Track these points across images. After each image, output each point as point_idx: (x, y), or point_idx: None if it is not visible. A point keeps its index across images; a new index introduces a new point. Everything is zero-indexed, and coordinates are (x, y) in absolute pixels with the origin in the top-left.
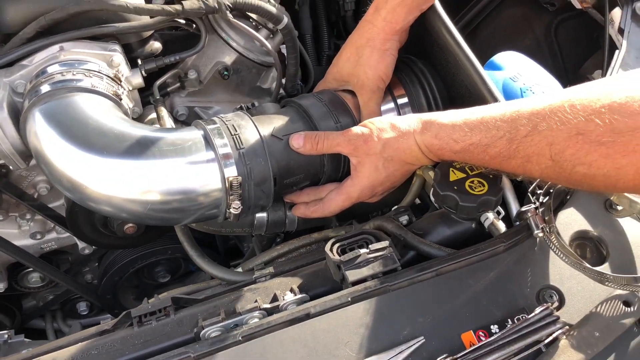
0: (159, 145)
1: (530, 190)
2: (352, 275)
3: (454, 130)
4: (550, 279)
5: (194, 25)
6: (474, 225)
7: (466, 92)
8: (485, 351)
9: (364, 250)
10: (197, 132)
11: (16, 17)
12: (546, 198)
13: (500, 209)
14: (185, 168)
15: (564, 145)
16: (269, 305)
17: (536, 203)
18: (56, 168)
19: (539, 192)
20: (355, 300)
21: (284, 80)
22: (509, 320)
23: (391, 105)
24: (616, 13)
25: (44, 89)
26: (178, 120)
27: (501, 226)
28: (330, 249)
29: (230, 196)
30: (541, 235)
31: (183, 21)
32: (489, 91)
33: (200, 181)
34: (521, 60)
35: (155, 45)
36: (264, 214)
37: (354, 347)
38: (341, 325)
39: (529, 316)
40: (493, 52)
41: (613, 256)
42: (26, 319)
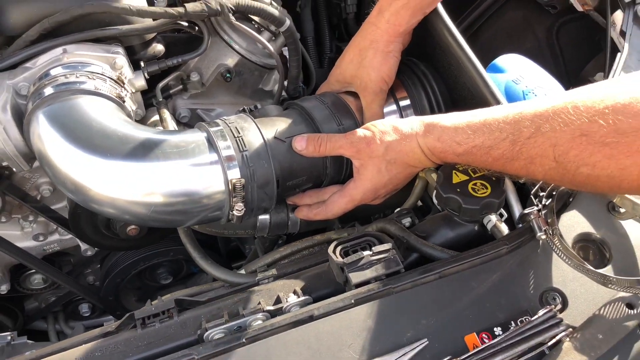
0: (163, 148)
1: (532, 193)
2: (356, 277)
3: (456, 133)
4: (553, 281)
5: (196, 27)
6: (476, 227)
7: (468, 95)
8: (488, 353)
9: (367, 253)
10: (200, 135)
11: (19, 20)
12: (549, 200)
13: (503, 212)
14: (189, 170)
15: (568, 147)
16: (272, 307)
17: (539, 205)
18: (60, 170)
19: (541, 195)
20: (359, 302)
21: (286, 83)
22: (512, 322)
23: (393, 107)
24: (618, 16)
25: (48, 91)
26: (180, 122)
27: (504, 228)
28: (333, 251)
29: (234, 198)
30: (544, 237)
31: (186, 23)
32: (491, 94)
33: (204, 183)
34: (523, 63)
35: (158, 47)
36: (267, 216)
37: (357, 349)
38: (345, 328)
39: (532, 318)
40: (494, 55)
41: (616, 259)
42: (28, 321)
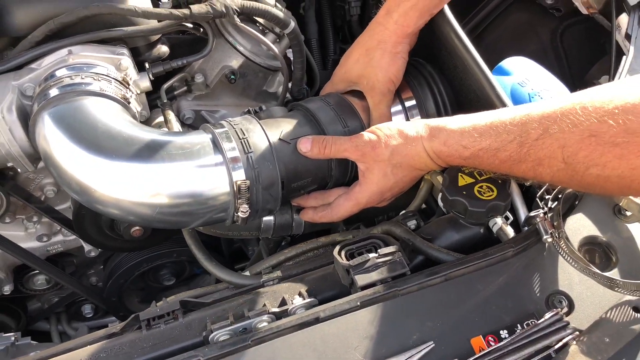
0: (168, 149)
1: (538, 196)
2: (361, 279)
3: (462, 137)
4: (560, 284)
5: (201, 29)
6: (482, 230)
7: (474, 97)
8: (494, 356)
9: (372, 255)
10: (206, 136)
11: (25, 21)
12: (555, 203)
13: (509, 214)
14: (194, 171)
15: (577, 148)
16: (277, 309)
17: (545, 208)
18: (65, 171)
19: (547, 198)
20: (365, 304)
21: (290, 85)
22: (518, 325)
23: (399, 107)
24: (623, 19)
25: (53, 92)
26: (185, 123)
27: (510, 231)
28: (339, 253)
29: (238, 200)
30: (550, 240)
31: (190, 25)
32: (497, 96)
33: (209, 185)
34: (529, 66)
35: (163, 49)
36: (271, 217)
37: (363, 352)
38: (351, 330)
39: (539, 321)
40: (498, 57)
41: (622, 262)
42: (31, 321)
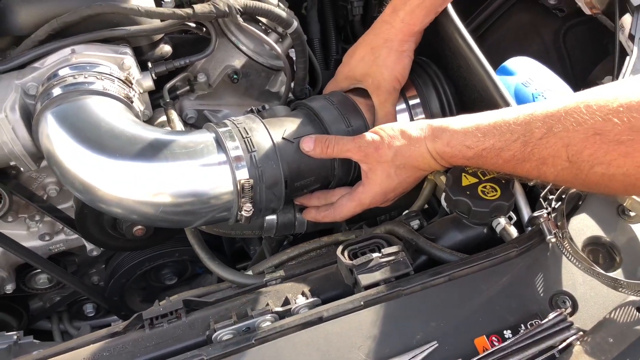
0: (171, 148)
1: (542, 196)
2: (365, 279)
3: (466, 137)
4: (563, 285)
5: (204, 28)
6: (485, 230)
7: (478, 97)
8: (498, 356)
9: (376, 255)
10: (209, 135)
11: (28, 20)
12: (558, 204)
13: (512, 214)
14: (197, 170)
15: (582, 146)
16: (280, 309)
17: (548, 208)
18: (68, 170)
19: (550, 198)
20: (368, 304)
21: (292, 84)
22: (522, 325)
23: (403, 106)
24: (626, 19)
25: (56, 91)
26: (187, 123)
27: (513, 231)
28: (342, 253)
29: (242, 199)
30: (554, 240)
31: (193, 24)
32: (501, 96)
33: (212, 184)
34: (533, 66)
35: (166, 48)
36: (274, 217)
37: (367, 351)
38: (354, 329)
39: (543, 322)
40: (501, 58)
41: (626, 262)
42: (33, 320)
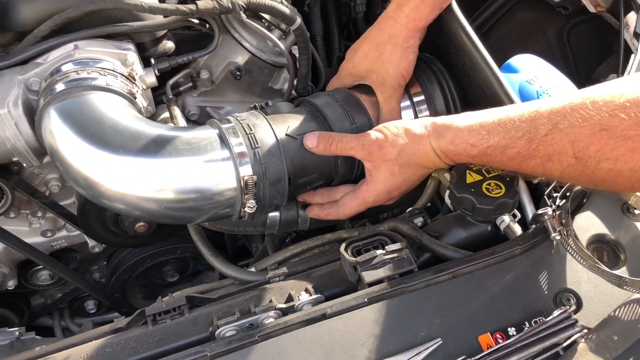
0: (175, 144)
1: (546, 193)
2: (369, 276)
3: (470, 135)
4: (568, 282)
5: (207, 25)
6: (489, 228)
7: (482, 95)
8: (502, 354)
9: (380, 252)
10: (212, 131)
11: (31, 15)
12: (563, 201)
13: (516, 212)
14: (201, 167)
15: (588, 142)
16: (284, 305)
17: (553, 206)
18: (71, 166)
19: (555, 195)
20: (372, 301)
21: (295, 81)
22: (526, 322)
23: (407, 102)
24: (631, 17)
25: (59, 87)
26: (190, 119)
27: (517, 229)
28: (346, 250)
29: (245, 195)
30: (558, 238)
31: (196, 21)
32: (505, 94)
33: (216, 180)
34: (538, 63)
35: (169, 44)
36: (277, 213)
37: (371, 348)
38: (358, 326)
39: (547, 319)
40: (505, 55)
41: (631, 260)
42: (34, 317)
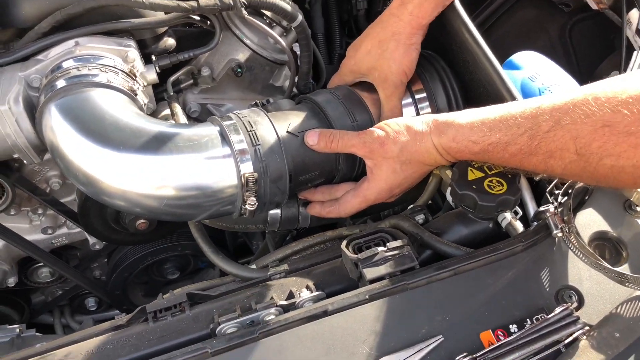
0: (176, 141)
1: (548, 191)
2: (370, 273)
3: (472, 132)
4: (569, 279)
5: (208, 22)
6: (491, 225)
7: (484, 92)
8: (504, 351)
9: (381, 249)
10: (213, 128)
11: (32, 12)
12: (564, 198)
13: (518, 209)
14: (202, 164)
15: (590, 138)
16: (285, 302)
17: (554, 203)
18: (72, 162)
19: (557, 193)
20: (373, 298)
21: (296, 79)
22: (528, 320)
23: (409, 100)
24: (634, 14)
25: (60, 84)
26: (190, 117)
27: (519, 226)
28: (347, 247)
29: (246, 192)
30: (560, 235)
31: (198, 18)
32: (507, 91)
33: (216, 177)
34: (540, 60)
35: (169, 41)
36: (278, 211)
37: (372, 345)
38: (359, 323)
39: (549, 316)
40: (506, 53)
41: (632, 257)
42: (34, 314)
